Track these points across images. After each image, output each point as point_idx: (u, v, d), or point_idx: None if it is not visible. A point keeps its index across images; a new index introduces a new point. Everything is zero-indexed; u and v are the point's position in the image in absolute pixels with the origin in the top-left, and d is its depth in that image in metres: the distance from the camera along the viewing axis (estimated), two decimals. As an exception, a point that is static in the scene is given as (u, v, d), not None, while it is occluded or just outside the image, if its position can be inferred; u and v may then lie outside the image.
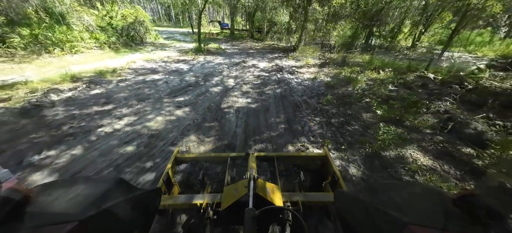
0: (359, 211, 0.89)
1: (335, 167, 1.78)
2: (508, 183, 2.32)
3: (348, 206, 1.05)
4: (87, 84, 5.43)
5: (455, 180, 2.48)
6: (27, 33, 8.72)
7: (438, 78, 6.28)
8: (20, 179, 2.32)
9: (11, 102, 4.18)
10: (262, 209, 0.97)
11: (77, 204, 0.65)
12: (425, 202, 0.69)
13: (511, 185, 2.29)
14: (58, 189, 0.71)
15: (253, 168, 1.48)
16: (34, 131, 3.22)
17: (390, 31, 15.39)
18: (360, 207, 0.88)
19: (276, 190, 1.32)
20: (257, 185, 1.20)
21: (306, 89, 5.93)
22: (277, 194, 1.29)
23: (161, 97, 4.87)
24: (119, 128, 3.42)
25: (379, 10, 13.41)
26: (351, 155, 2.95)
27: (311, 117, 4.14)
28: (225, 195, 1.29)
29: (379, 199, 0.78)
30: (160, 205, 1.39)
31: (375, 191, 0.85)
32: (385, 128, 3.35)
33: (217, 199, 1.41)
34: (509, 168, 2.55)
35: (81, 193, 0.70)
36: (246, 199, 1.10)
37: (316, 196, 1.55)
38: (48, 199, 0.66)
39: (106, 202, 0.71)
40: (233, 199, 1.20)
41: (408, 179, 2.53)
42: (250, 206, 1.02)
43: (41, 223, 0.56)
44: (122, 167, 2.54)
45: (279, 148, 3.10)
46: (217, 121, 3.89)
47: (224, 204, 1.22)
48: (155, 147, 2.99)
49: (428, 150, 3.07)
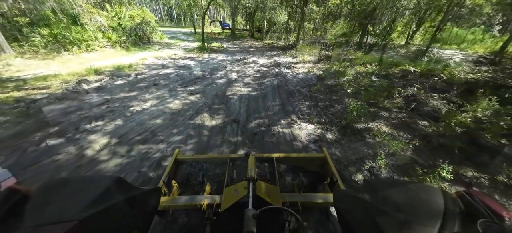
0: (358, 209, 0.89)
1: (334, 168, 1.79)
2: (444, 140, 3.15)
3: (347, 205, 1.06)
4: (110, 76, 6.28)
5: (405, 140, 3.31)
6: (46, 33, 9.59)
7: (418, 71, 7.09)
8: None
9: (51, 90, 5.03)
10: (262, 209, 1.00)
11: (77, 204, 0.64)
12: (423, 201, 0.69)
13: (446, 140, 3.12)
14: (57, 189, 0.71)
15: (252, 169, 1.52)
16: (79, 110, 4.07)
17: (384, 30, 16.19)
18: (359, 206, 0.88)
19: (275, 191, 1.34)
20: (256, 187, 1.21)
21: (299, 81, 6.76)
22: (276, 195, 1.31)
23: (175, 87, 5.72)
24: (146, 108, 4.27)
25: (372, 10, 14.22)
26: (330, 126, 3.78)
27: (302, 102, 4.98)
28: (225, 196, 1.31)
29: (378, 198, 0.78)
30: (161, 206, 1.40)
31: (374, 190, 0.86)
32: (354, 103, 4.18)
33: (217, 200, 1.42)
34: (447, 130, 3.38)
35: (81, 192, 0.70)
36: (245, 200, 1.12)
37: (315, 196, 1.56)
38: (48, 198, 0.65)
39: (106, 201, 0.71)
40: (233, 200, 1.22)
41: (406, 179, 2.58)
42: (250, 207, 1.04)
43: (40, 222, 0.56)
44: (156, 132, 3.38)
45: (273, 122, 3.93)
46: (224, 104, 4.73)
47: (224, 205, 1.24)
48: (177, 120, 3.84)
49: (391, 122, 3.91)
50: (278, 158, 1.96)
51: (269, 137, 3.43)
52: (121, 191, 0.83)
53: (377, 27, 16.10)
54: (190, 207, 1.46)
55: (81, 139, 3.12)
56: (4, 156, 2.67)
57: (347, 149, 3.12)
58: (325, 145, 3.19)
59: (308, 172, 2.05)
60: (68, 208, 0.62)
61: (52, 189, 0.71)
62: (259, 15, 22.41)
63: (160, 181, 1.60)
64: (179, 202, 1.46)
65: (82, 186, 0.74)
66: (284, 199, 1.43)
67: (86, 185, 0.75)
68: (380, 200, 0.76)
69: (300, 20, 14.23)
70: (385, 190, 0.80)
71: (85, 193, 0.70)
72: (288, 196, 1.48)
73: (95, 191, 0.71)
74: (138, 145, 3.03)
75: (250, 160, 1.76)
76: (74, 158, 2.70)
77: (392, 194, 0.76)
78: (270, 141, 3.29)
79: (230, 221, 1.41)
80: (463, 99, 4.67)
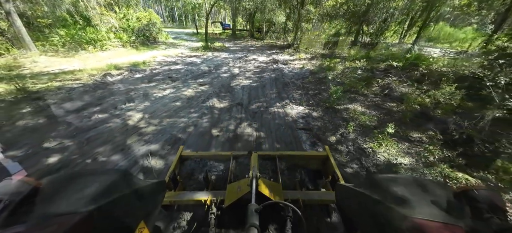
0: (361, 204, 0.90)
1: (336, 166, 1.80)
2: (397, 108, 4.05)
3: (349, 199, 1.05)
4: (129, 71, 7.20)
5: (373, 115, 4.22)
6: (63, 33, 10.51)
7: (400, 65, 7.99)
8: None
9: (83, 81, 5.94)
10: (265, 203, 1.03)
11: (85, 196, 0.67)
12: (427, 196, 0.68)
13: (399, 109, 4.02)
14: (66, 181, 0.74)
15: (255, 167, 1.57)
16: (111, 95, 4.98)
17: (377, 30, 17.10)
18: (361, 201, 0.89)
19: (278, 189, 1.37)
20: (259, 184, 1.24)
21: (294, 74, 7.67)
22: (278, 192, 1.33)
23: (186, 79, 6.63)
24: (166, 94, 5.19)
25: (365, 11, 15.13)
26: (316, 107, 4.69)
27: (295, 91, 5.88)
28: (228, 192, 1.34)
29: (380, 193, 0.77)
30: (166, 200, 1.46)
31: (376, 184, 0.83)
32: (334, 88, 5.09)
33: (220, 196, 1.45)
34: (407, 108, 4.28)
35: (89, 185, 0.72)
36: (248, 196, 1.16)
37: (317, 194, 1.58)
38: (57, 191, 0.68)
39: (113, 193, 0.74)
40: (236, 196, 1.24)
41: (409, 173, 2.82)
42: (253, 202, 1.08)
43: (50, 213, 0.58)
44: (177, 111, 4.29)
45: (270, 105, 4.83)
46: (229, 92, 5.64)
47: (228, 201, 1.27)
48: (192, 103, 4.75)
49: (366, 104, 4.81)
50: (280, 156, 2.02)
51: (267, 114, 4.34)
52: (127, 183, 0.86)
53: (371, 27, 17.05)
54: (194, 203, 1.49)
55: (121, 114, 4.03)
56: (67, 125, 3.58)
57: (327, 122, 4.02)
58: (310, 120, 4.10)
59: (309, 170, 2.07)
60: (76, 200, 0.64)
61: (61, 182, 0.73)
62: (259, 15, 23.33)
63: (166, 177, 1.64)
64: (184, 197, 1.52)
65: (90, 179, 0.76)
66: (286, 196, 1.46)
67: (94, 178, 0.77)
68: (383, 195, 0.75)
69: (297, 20, 15.13)
70: (388, 185, 0.78)
71: (93, 186, 0.72)
72: (289, 194, 1.51)
73: (102, 184, 0.74)
74: (165, 119, 3.94)
75: (253, 158, 1.82)
76: (120, 125, 3.62)
77: (395, 189, 0.75)
78: (267, 117, 4.20)
79: (234, 216, 1.42)
80: (431, 86, 5.57)
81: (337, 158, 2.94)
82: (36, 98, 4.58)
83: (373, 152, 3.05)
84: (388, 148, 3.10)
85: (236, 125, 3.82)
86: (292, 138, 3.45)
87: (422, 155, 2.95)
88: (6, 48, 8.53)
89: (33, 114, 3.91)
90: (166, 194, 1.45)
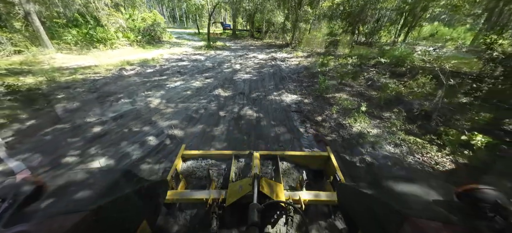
0: (362, 204, 0.89)
1: (338, 167, 1.81)
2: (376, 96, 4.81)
3: (350, 199, 1.06)
4: (141, 66, 7.94)
5: (354, 101, 4.97)
6: (75, 32, 11.24)
7: (387, 61, 8.76)
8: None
9: (102, 74, 6.68)
10: (266, 203, 1.05)
11: (88, 194, 0.68)
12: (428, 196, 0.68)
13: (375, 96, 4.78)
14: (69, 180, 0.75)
15: (257, 167, 1.52)
16: (130, 86, 5.73)
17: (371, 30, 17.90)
18: (362, 200, 0.88)
19: (279, 188, 1.38)
20: (260, 184, 1.26)
21: (291, 70, 8.43)
22: (280, 192, 1.34)
23: (193, 73, 7.39)
24: (177, 85, 5.94)
25: (360, 12, 15.91)
26: (307, 96, 5.45)
27: (290, 83, 6.64)
28: (230, 192, 1.36)
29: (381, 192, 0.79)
30: (168, 199, 1.47)
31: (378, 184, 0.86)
32: (322, 77, 5.85)
33: (222, 195, 1.46)
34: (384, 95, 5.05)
35: (92, 183, 0.74)
36: (250, 196, 1.18)
37: (318, 194, 1.60)
38: (61, 190, 0.69)
39: (116, 192, 0.75)
40: (237, 195, 1.26)
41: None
42: (255, 202, 1.09)
43: (54, 212, 0.59)
44: (189, 98, 5.04)
45: (268, 94, 5.58)
46: (232, 84, 6.39)
47: (229, 200, 1.29)
48: (201, 92, 5.50)
49: (350, 93, 5.57)
50: (281, 156, 2.04)
51: (265, 101, 5.09)
52: (130, 182, 0.87)
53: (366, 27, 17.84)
54: (196, 201, 1.51)
55: (142, 100, 4.78)
56: (100, 106, 4.32)
57: (316, 107, 4.78)
58: (302, 105, 4.85)
59: (311, 170, 2.07)
60: (80, 199, 0.65)
61: (64, 181, 0.74)
62: (259, 16, 24.10)
63: (168, 176, 1.66)
64: (186, 196, 1.53)
65: (93, 178, 0.77)
66: (287, 196, 1.47)
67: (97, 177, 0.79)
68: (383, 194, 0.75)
69: (295, 21, 15.90)
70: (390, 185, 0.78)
71: (96, 185, 0.73)
72: (291, 194, 1.53)
73: (106, 183, 0.76)
74: (180, 103, 4.69)
75: (254, 157, 1.85)
76: (144, 107, 4.37)
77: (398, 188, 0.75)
78: (266, 103, 4.95)
79: (235, 215, 1.44)
80: (411, 78, 6.34)
81: (322, 131, 3.69)
82: (66, 87, 5.33)
83: (350, 126, 3.81)
84: (362, 123, 3.86)
85: (239, 109, 4.57)
86: (286, 118, 4.21)
87: (387, 127, 3.71)
88: (26, 46, 9.26)
89: (68, 99, 4.66)
90: (168, 192, 1.48)
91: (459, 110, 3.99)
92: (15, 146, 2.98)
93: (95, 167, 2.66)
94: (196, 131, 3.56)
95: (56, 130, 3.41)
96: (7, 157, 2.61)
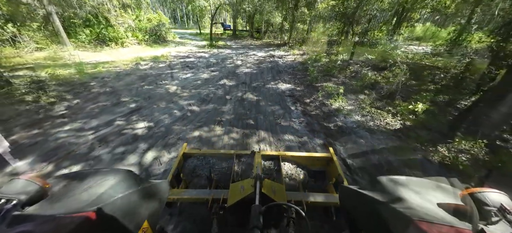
0: (365, 206, 0.89)
1: (340, 168, 1.78)
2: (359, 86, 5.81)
3: (353, 201, 1.06)
4: (153, 62, 8.91)
5: (337, 88, 5.97)
6: (88, 32, 12.17)
7: (373, 57, 9.78)
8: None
9: (121, 68, 7.64)
10: (268, 204, 1.04)
11: (91, 195, 0.69)
12: (433, 198, 0.68)
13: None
14: (72, 181, 0.76)
15: (259, 167, 1.54)
16: (148, 77, 6.69)
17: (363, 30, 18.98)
18: (365, 203, 0.88)
19: (281, 189, 1.39)
20: (263, 185, 1.25)
21: (287, 65, 9.43)
22: (281, 193, 1.35)
23: (200, 67, 8.37)
24: (188, 77, 6.92)
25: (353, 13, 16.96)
26: (299, 85, 6.44)
27: (286, 75, 7.63)
28: (231, 192, 1.36)
29: (385, 195, 0.77)
30: (169, 198, 1.46)
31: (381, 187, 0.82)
32: (311, 69, 6.85)
33: (223, 195, 1.46)
34: (363, 83, 6.04)
35: (95, 184, 0.75)
36: (252, 197, 1.17)
37: (320, 196, 1.58)
38: (64, 190, 0.70)
39: (118, 193, 0.76)
40: (239, 196, 1.26)
41: (414, 175, 5.90)
42: (257, 203, 1.08)
43: (57, 212, 0.59)
44: (199, 86, 6.01)
45: (266, 83, 6.56)
46: (235, 76, 7.37)
47: (230, 201, 1.28)
48: (209, 82, 6.48)
49: (336, 82, 6.57)
50: (283, 157, 2.02)
51: (264, 89, 6.07)
52: (132, 183, 0.88)
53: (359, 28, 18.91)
54: (197, 201, 1.50)
55: (161, 86, 5.75)
56: (129, 91, 5.28)
57: (306, 92, 5.76)
58: (294, 91, 5.83)
59: (313, 172, 2.06)
60: (82, 200, 0.66)
61: (68, 182, 0.75)
62: (258, 17, 25.12)
63: (170, 174, 1.65)
64: (186, 195, 1.53)
65: (95, 179, 0.78)
66: (289, 198, 1.47)
67: (99, 179, 0.78)
68: (387, 197, 0.75)
69: (292, 21, 16.92)
70: (393, 186, 0.77)
71: (99, 186, 0.74)
72: (293, 195, 1.52)
73: (107, 184, 0.77)
74: (193, 90, 5.66)
75: (256, 157, 1.85)
76: (164, 92, 5.34)
77: (400, 190, 0.74)
78: (264, 90, 5.94)
79: (236, 217, 1.41)
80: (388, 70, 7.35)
81: (308, 109, 4.67)
82: (95, 77, 6.29)
83: (330, 105, 4.80)
84: (340, 102, 4.85)
85: (242, 94, 5.55)
86: (280, 100, 5.19)
87: (359, 104, 4.71)
88: (46, 43, 10.20)
89: (101, 86, 5.62)
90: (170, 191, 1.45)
91: (418, 92, 5.00)
92: (71, 115, 3.94)
93: (141, 126, 3.61)
94: (208, 108, 4.53)
95: (100, 106, 4.38)
96: (11, 158, 2.61)
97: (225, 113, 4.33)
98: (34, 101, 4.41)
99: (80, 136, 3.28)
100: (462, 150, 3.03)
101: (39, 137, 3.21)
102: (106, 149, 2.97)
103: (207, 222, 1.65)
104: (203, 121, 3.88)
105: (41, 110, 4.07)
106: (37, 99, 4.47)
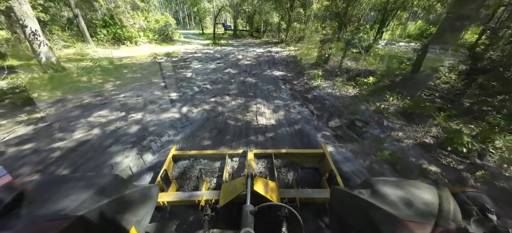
0: (355, 207, 0.91)
1: (333, 164, 1.79)
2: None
3: (343, 202, 1.06)
4: (167, 56, 10.40)
5: (322, 74, 7.43)
6: (106, 32, 13.65)
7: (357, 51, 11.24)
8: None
9: (143, 61, 9.11)
10: (260, 205, 1.02)
11: (75, 200, 0.65)
12: (419, 198, 0.71)
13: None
14: (54, 186, 0.71)
15: (251, 166, 1.52)
16: (167, 67, 8.17)
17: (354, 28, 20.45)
18: (355, 204, 0.90)
19: (274, 187, 1.38)
20: (254, 183, 1.25)
21: (282, 59, 10.91)
22: (274, 191, 1.34)
23: (208, 60, 9.85)
24: (199, 67, 8.41)
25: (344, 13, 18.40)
26: (290, 72, 7.91)
27: (280, 66, 9.11)
28: (223, 192, 1.35)
29: (374, 196, 0.80)
30: (159, 202, 1.41)
31: (371, 187, 0.84)
32: (300, 59, 8.32)
33: (215, 196, 1.43)
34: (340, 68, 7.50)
35: (77, 189, 0.71)
36: (244, 196, 1.16)
37: (313, 192, 1.58)
38: (44, 195, 0.66)
39: (104, 198, 0.73)
40: (231, 196, 1.25)
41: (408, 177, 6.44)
42: (248, 203, 1.08)
43: (37, 218, 0.57)
44: (209, 73, 7.49)
45: (263, 72, 8.03)
46: (238, 67, 8.85)
47: (222, 201, 1.28)
48: (217, 71, 7.96)
49: (320, 70, 8.04)
50: (276, 154, 2.03)
51: (261, 75, 7.54)
52: (119, 187, 0.85)
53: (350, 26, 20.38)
54: (188, 203, 1.47)
55: (180, 73, 7.23)
56: (155, 76, 6.76)
57: (295, 77, 7.23)
58: (286, 76, 7.29)
59: (306, 168, 2.04)
60: (66, 205, 0.62)
61: (48, 186, 0.71)
62: (257, 17, 26.62)
63: (158, 177, 1.61)
64: (177, 198, 1.50)
65: (80, 183, 0.75)
66: (283, 195, 1.46)
67: (84, 183, 0.75)
68: (376, 198, 0.77)
69: (288, 21, 18.40)
70: (382, 187, 0.80)
71: (83, 190, 0.71)
72: (286, 192, 1.52)
73: (93, 188, 0.73)
74: (204, 75, 7.14)
75: (249, 156, 1.87)
76: (183, 76, 6.82)
77: (388, 191, 0.77)
78: (261, 75, 7.40)
79: (228, 217, 1.41)
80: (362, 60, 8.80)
81: (295, 87, 6.12)
82: (124, 67, 7.77)
83: (311, 84, 6.26)
84: (319, 82, 6.32)
85: (244, 78, 7.02)
86: (274, 82, 6.66)
87: (333, 82, 6.18)
88: (72, 42, 11.71)
89: (132, 72, 7.10)
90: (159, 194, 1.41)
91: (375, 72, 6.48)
92: (118, 89, 5.40)
93: (174, 95, 5.08)
94: (219, 87, 6.00)
95: (137, 85, 5.86)
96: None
97: (232, 89, 5.80)
98: (88, 81, 5.90)
99: (132, 99, 4.76)
100: (391, 104, 4.51)
101: (105, 100, 4.69)
102: (154, 106, 4.45)
103: (198, 225, 1.69)
104: (216, 93, 5.36)
105: (96, 87, 5.56)
106: (90, 80, 5.96)
